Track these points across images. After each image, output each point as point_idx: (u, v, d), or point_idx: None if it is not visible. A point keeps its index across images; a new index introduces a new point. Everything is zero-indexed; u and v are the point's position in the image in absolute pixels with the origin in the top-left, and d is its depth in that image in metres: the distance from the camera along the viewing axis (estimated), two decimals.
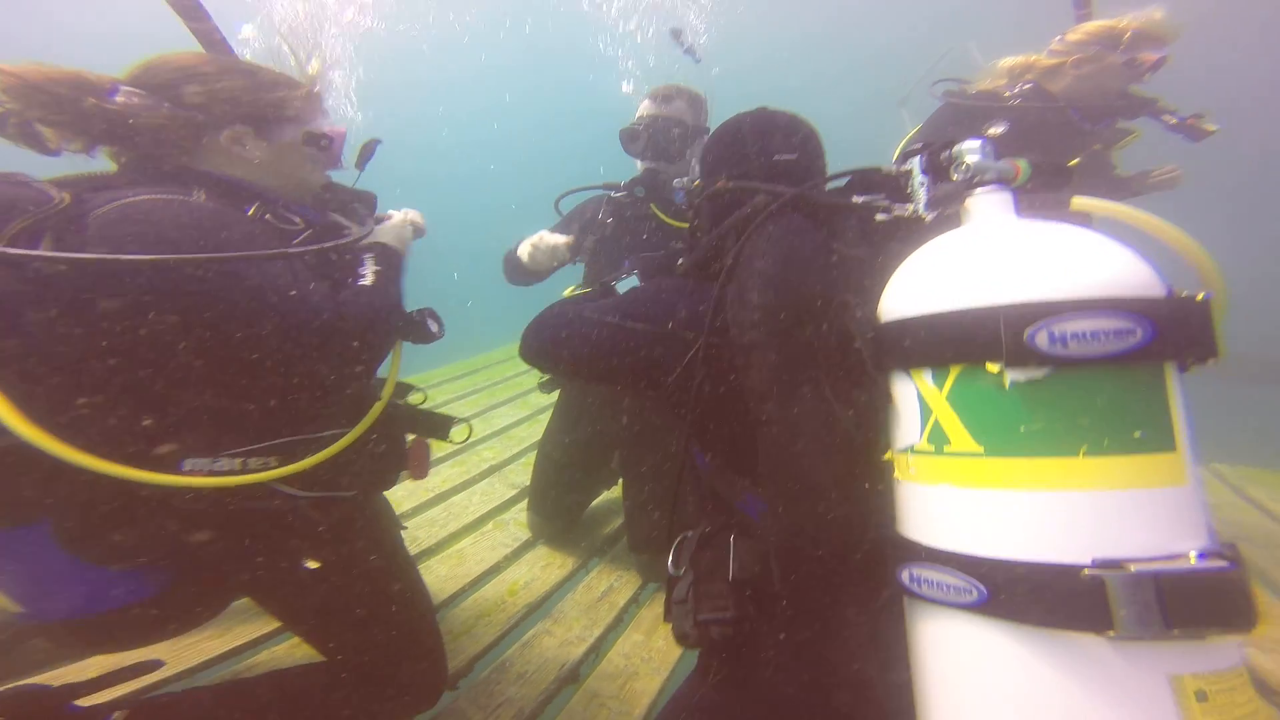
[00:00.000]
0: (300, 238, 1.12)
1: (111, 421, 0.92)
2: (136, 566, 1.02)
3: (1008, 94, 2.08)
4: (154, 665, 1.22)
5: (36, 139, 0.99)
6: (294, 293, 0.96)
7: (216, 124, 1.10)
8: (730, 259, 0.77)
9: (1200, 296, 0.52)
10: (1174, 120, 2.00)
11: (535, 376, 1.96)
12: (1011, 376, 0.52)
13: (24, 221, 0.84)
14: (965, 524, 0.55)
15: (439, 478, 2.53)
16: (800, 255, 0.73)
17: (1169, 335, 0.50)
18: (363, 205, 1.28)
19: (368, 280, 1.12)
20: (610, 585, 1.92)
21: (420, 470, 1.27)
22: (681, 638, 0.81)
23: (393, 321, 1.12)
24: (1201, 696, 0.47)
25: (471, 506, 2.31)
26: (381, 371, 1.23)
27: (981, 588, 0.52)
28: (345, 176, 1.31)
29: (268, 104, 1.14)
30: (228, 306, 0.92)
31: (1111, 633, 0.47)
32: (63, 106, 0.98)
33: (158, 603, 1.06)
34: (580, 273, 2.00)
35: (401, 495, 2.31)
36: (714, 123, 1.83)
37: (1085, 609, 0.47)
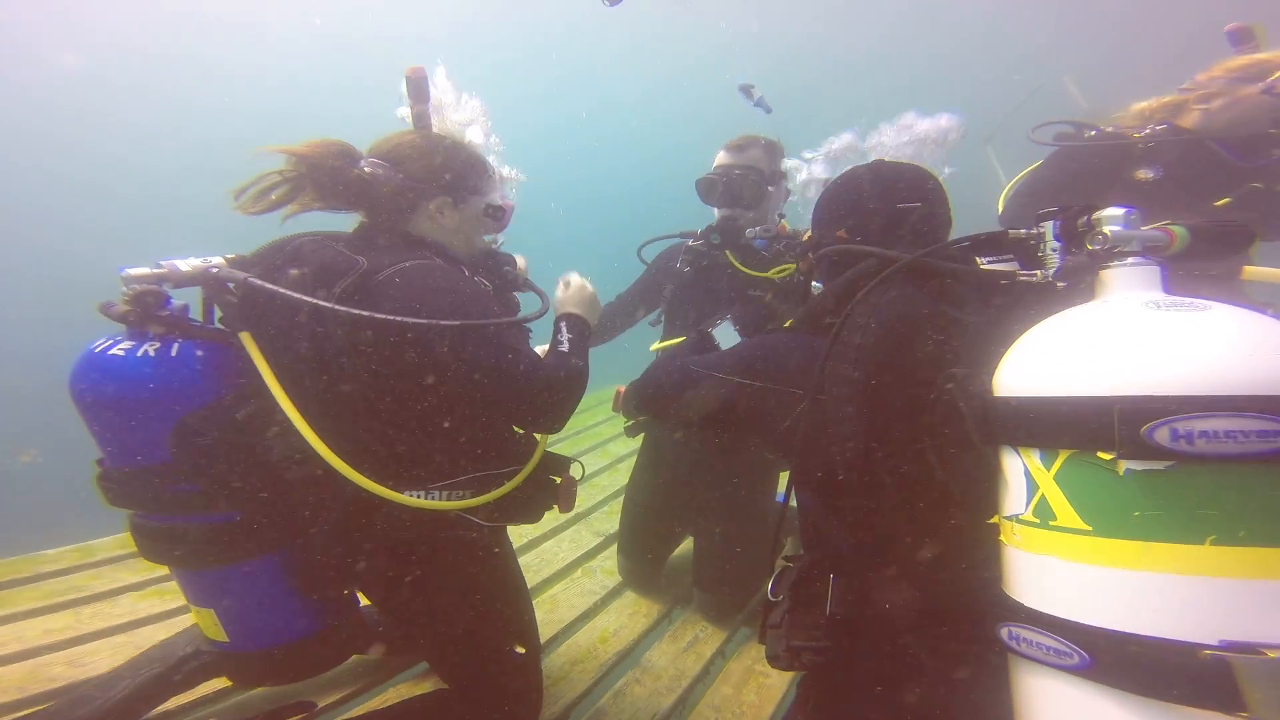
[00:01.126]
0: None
1: (375, 453, 1.11)
2: (336, 596, 1.21)
3: (1137, 134, 1.94)
4: (308, 706, 1.43)
5: (295, 201, 1.18)
6: (516, 352, 1.11)
7: (428, 194, 1.27)
8: (838, 322, 0.80)
9: None
10: None
11: (613, 427, 2.09)
12: (1128, 466, 0.52)
13: (345, 282, 1.05)
14: (1069, 593, 0.57)
15: (528, 525, 2.70)
16: (901, 330, 0.74)
17: None
18: (509, 266, 1.42)
19: (565, 348, 1.25)
20: (696, 636, 1.94)
21: (568, 504, 1.40)
22: (773, 659, 0.85)
23: (582, 386, 1.20)
24: None
25: (561, 553, 2.43)
26: None
27: (1083, 653, 0.54)
28: None
29: (465, 178, 1.31)
30: (471, 357, 1.08)
31: (1245, 715, 0.48)
32: (335, 176, 1.18)
33: (328, 634, 1.23)
34: (658, 330, 2.10)
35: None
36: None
37: (1210, 689, 0.49)
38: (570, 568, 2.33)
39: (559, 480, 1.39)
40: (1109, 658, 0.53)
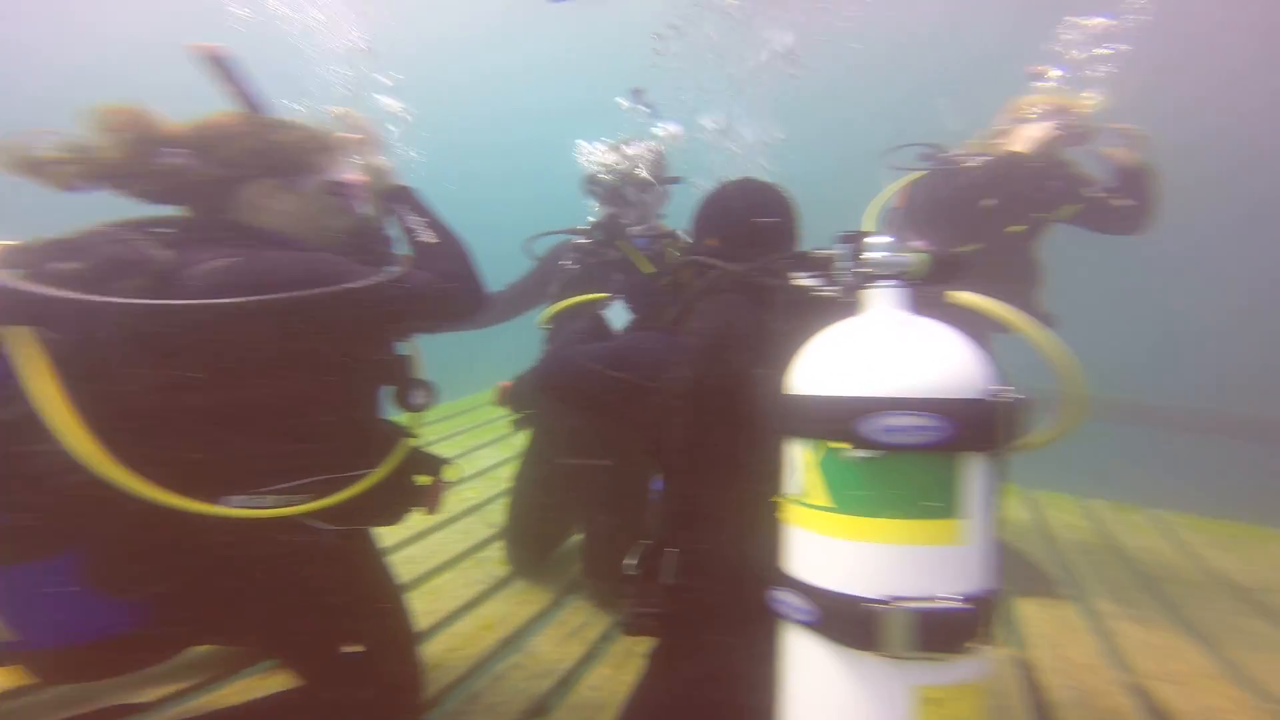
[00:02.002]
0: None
1: (169, 459, 0.98)
2: (147, 598, 1.07)
3: (966, 163, 2.25)
4: (126, 710, 1.28)
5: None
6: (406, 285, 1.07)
7: (245, 179, 1.16)
8: (679, 326, 0.93)
9: (1001, 398, 0.64)
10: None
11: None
12: (856, 455, 0.65)
13: (135, 281, 0.93)
14: (812, 560, 0.70)
15: (417, 517, 2.60)
16: (724, 334, 0.87)
17: (965, 433, 0.62)
18: (380, 244, 1.33)
19: (424, 235, 1.20)
20: (584, 621, 1.98)
21: (433, 506, 1.35)
22: (623, 625, 0.93)
23: (466, 254, 1.19)
24: (932, 702, 0.63)
25: (451, 544, 2.37)
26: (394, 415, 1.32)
27: (813, 610, 0.67)
28: None
29: (292, 157, 1.20)
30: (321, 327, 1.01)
31: (876, 652, 0.62)
32: (132, 169, 1.05)
33: (138, 634, 1.10)
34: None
35: (382, 533, 2.37)
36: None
37: (863, 631, 0.63)
38: (459, 558, 2.29)
39: (426, 481, 1.33)
40: (824, 612, 0.66)
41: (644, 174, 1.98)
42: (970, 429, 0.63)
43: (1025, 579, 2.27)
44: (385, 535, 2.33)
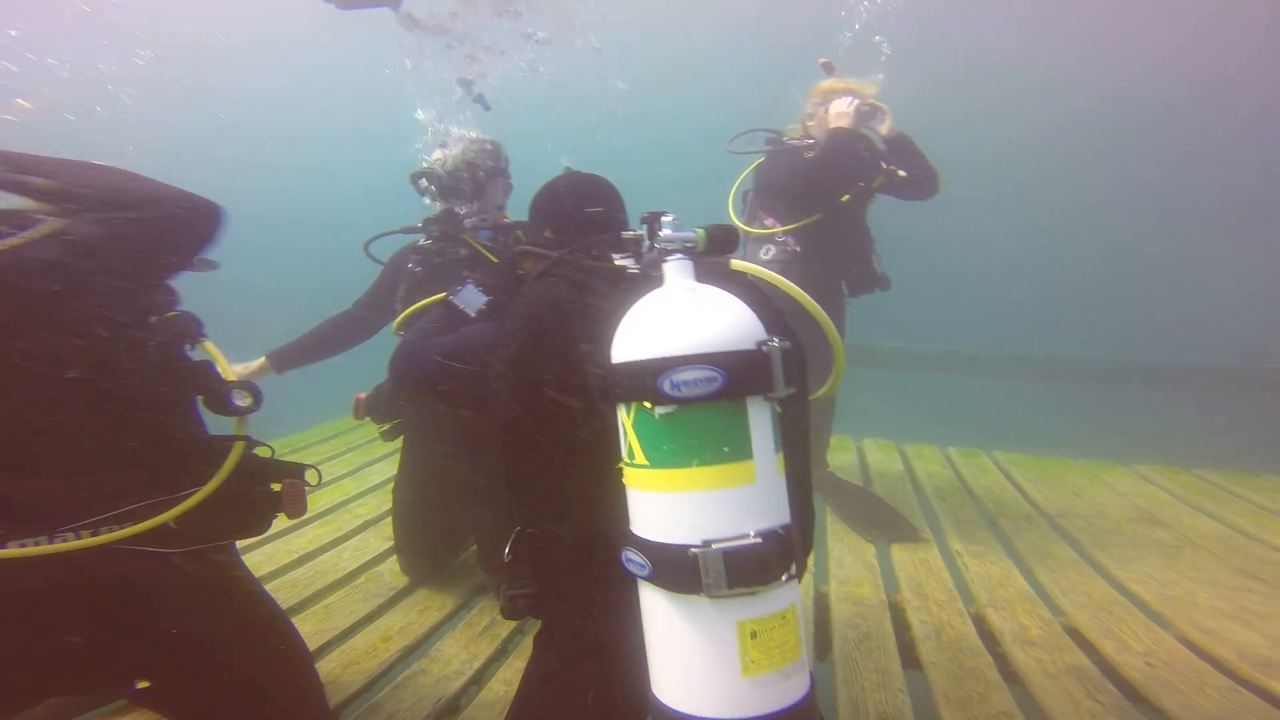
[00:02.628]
0: None
1: None
2: None
3: (804, 150, 2.55)
4: None
5: None
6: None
7: None
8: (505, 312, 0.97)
9: (772, 346, 0.72)
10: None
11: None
12: (658, 411, 0.71)
13: None
14: (643, 515, 0.76)
15: (304, 539, 2.39)
16: (545, 316, 0.91)
17: (737, 380, 0.70)
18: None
19: (41, 183, 0.96)
20: (494, 619, 1.93)
21: (296, 509, 1.24)
22: (501, 611, 0.95)
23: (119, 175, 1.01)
24: (753, 635, 0.70)
25: (342, 563, 2.21)
26: (231, 427, 1.20)
27: (648, 563, 0.73)
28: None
29: None
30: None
31: (701, 594, 0.69)
32: None
33: None
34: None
35: (260, 560, 2.14)
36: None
37: (687, 576, 0.69)
38: (352, 575, 2.15)
39: (278, 488, 1.24)
40: (657, 564, 0.72)
41: (475, 167, 1.94)
42: (744, 377, 0.70)
43: (896, 529, 2.58)
44: (267, 561, 2.13)
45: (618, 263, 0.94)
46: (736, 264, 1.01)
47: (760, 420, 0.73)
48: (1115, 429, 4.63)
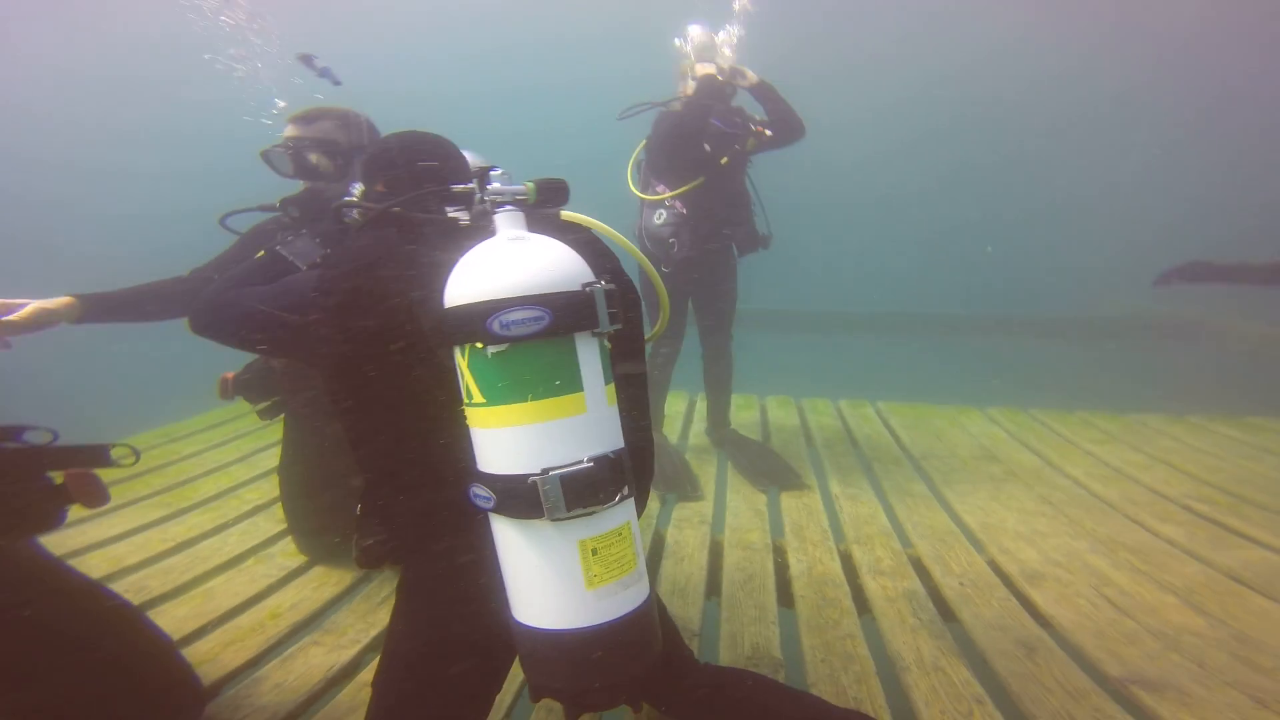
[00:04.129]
0: None
1: None
2: None
3: (672, 109, 2.70)
4: None
5: None
6: None
7: None
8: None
9: (594, 287, 0.79)
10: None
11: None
12: (490, 350, 0.75)
13: None
14: (485, 452, 0.81)
15: (182, 526, 2.24)
16: (369, 264, 0.91)
17: (563, 318, 0.75)
18: None
19: None
20: (393, 589, 1.94)
21: (91, 499, 1.14)
22: (357, 561, 0.96)
23: None
24: (594, 552, 0.79)
25: (226, 548, 2.11)
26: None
27: (491, 495, 0.79)
28: None
29: None
30: None
31: (543, 519, 0.76)
32: None
33: None
34: None
35: (127, 550, 2.00)
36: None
37: (530, 503, 0.76)
38: (239, 559, 2.06)
39: (60, 478, 1.13)
40: (500, 495, 0.78)
41: (331, 143, 1.82)
42: (569, 315, 0.76)
43: (784, 479, 2.82)
44: (135, 551, 1.98)
45: (450, 214, 0.96)
46: (566, 215, 1.05)
47: (588, 355, 0.80)
48: (987, 377, 5.25)
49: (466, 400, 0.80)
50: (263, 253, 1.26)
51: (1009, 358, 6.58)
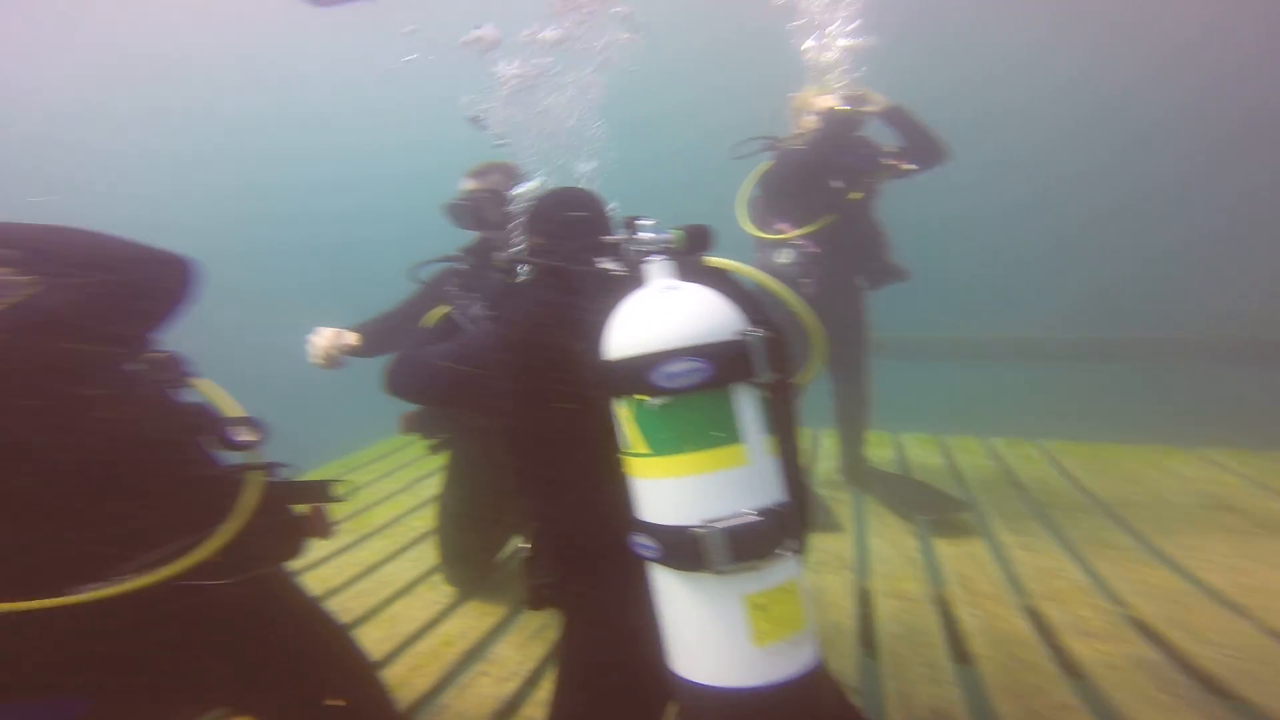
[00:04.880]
0: None
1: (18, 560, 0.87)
2: (58, 696, 0.99)
3: (796, 147, 2.59)
4: None
5: None
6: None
7: None
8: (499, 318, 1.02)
9: (751, 336, 0.78)
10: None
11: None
12: (653, 403, 0.76)
13: None
14: (648, 502, 0.81)
15: (367, 551, 2.56)
16: (537, 319, 0.98)
17: (721, 368, 0.75)
18: None
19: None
20: (544, 623, 2.04)
21: (323, 531, 1.30)
22: (525, 602, 1.01)
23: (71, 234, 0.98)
24: (761, 607, 0.75)
25: (403, 573, 2.36)
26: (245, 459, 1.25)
27: (656, 545, 0.79)
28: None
29: None
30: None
31: (706, 571, 0.74)
32: None
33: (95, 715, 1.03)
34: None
35: (330, 572, 2.32)
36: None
37: (693, 555, 0.75)
38: (414, 584, 2.30)
39: (303, 511, 1.28)
40: (664, 546, 0.77)
41: (501, 195, 1.99)
42: (727, 365, 0.76)
43: (938, 507, 2.54)
44: (332, 576, 2.30)
45: (601, 265, 0.99)
46: (711, 260, 1.05)
47: (746, 405, 0.79)
48: (1166, 412, 4.37)
49: (628, 450, 0.82)
50: (439, 316, 1.41)
51: (1208, 388, 5.41)
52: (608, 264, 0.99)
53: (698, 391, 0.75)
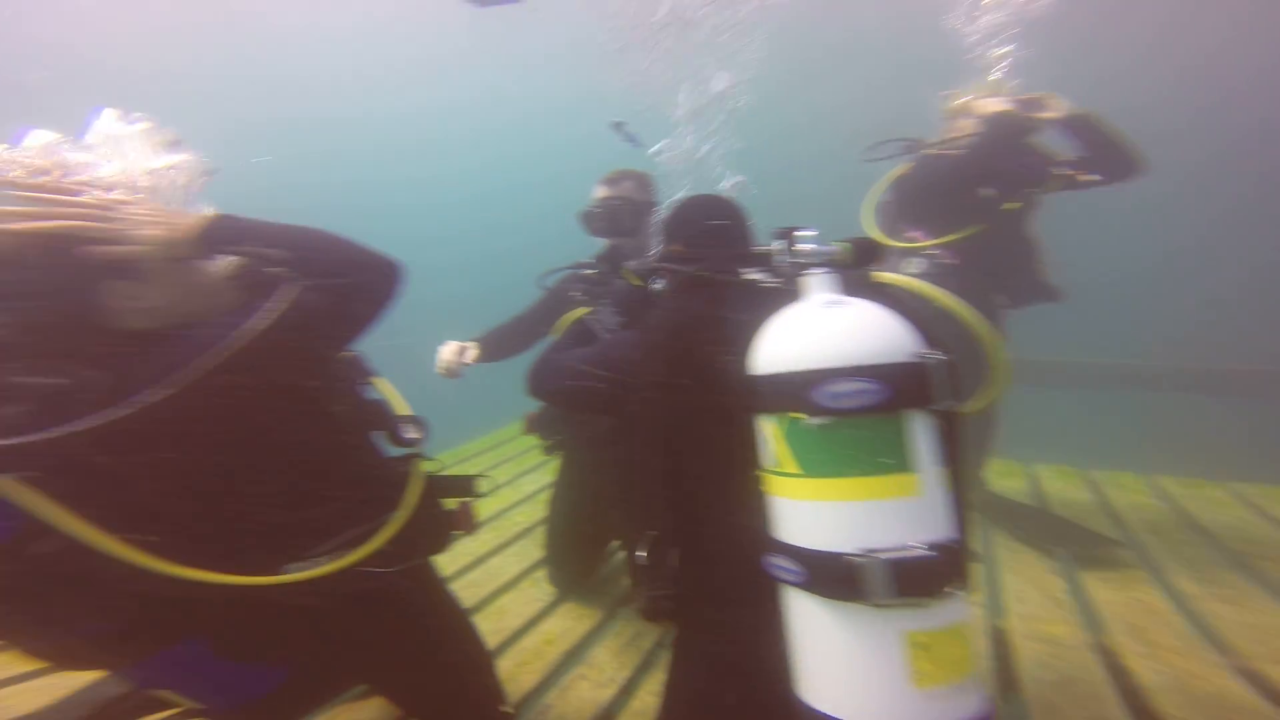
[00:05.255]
0: None
1: (214, 543, 0.97)
2: (274, 660, 1.14)
3: (950, 151, 2.34)
4: None
5: None
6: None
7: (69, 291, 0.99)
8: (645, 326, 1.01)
9: (930, 358, 0.71)
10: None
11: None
12: (810, 422, 0.71)
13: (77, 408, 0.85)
14: (792, 523, 0.76)
15: (476, 542, 2.71)
16: (684, 330, 0.95)
17: (898, 392, 0.69)
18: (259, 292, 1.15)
19: (274, 252, 1.01)
20: (637, 631, 2.03)
21: (470, 526, 1.37)
22: (641, 611, 0.98)
23: (332, 240, 1.05)
24: (924, 647, 0.68)
25: (507, 567, 2.46)
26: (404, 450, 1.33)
27: (800, 569, 0.73)
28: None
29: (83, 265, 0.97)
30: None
31: (862, 601, 0.68)
32: None
33: (285, 691, 1.19)
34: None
35: (445, 561, 2.49)
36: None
37: (848, 584, 0.68)
38: (518, 579, 2.38)
39: (453, 505, 1.36)
40: (811, 571, 0.72)
41: (634, 202, 2.03)
42: (903, 389, 0.70)
43: (1083, 542, 2.19)
44: (447, 564, 2.48)
45: (747, 276, 0.96)
46: (882, 276, 0.98)
47: (920, 432, 0.72)
48: None
49: (775, 469, 0.77)
50: (573, 320, 1.44)
51: None
52: (757, 275, 0.95)
53: (866, 414, 0.70)
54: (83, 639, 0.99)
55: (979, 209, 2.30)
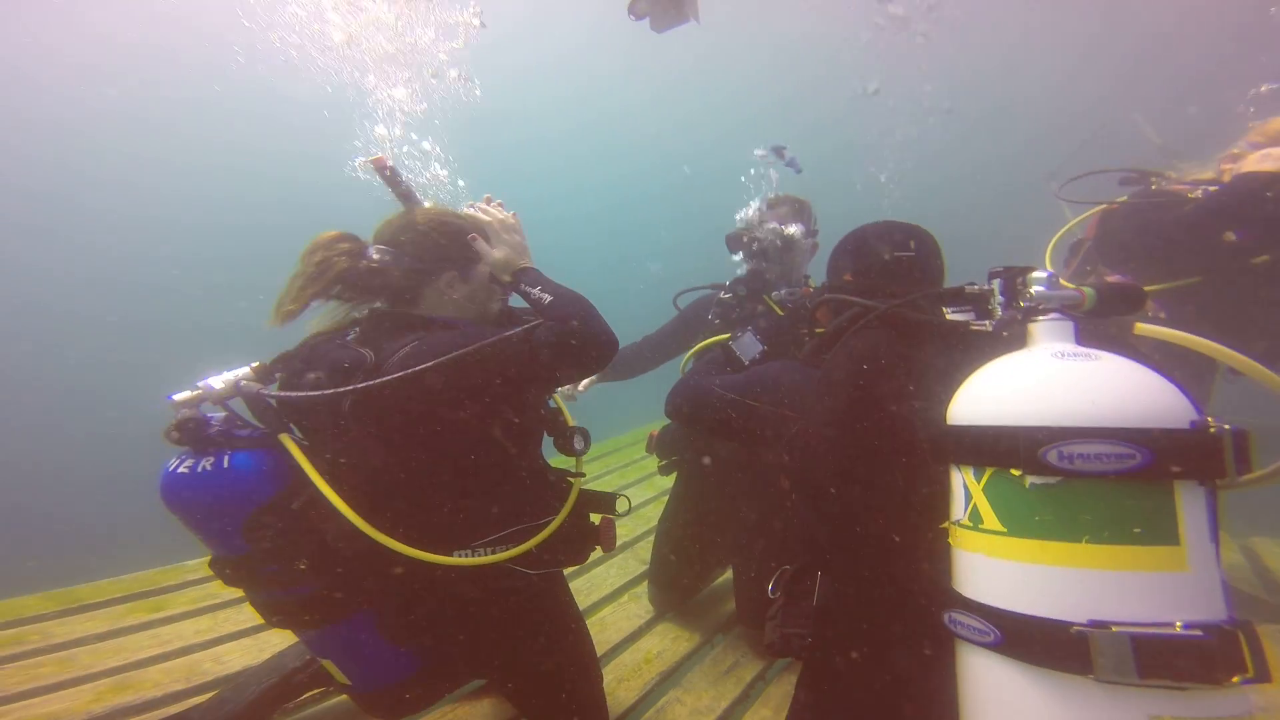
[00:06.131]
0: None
1: (417, 521, 1.18)
2: (421, 646, 1.30)
3: (1191, 194, 2.01)
4: None
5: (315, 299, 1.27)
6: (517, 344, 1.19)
7: (435, 272, 1.33)
8: (826, 360, 0.98)
9: (1211, 429, 0.64)
10: None
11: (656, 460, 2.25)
12: (1030, 481, 0.68)
13: (357, 375, 1.14)
14: (989, 583, 0.72)
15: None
16: (871, 369, 0.90)
17: (1169, 461, 0.63)
18: (514, 317, 1.47)
19: (545, 299, 1.24)
20: (736, 660, 2.04)
21: (610, 543, 1.46)
22: (769, 646, 0.98)
23: (589, 309, 1.23)
24: None
25: (609, 579, 2.59)
26: (564, 463, 1.47)
27: (997, 631, 0.69)
28: None
29: (465, 250, 1.35)
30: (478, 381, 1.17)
31: (1091, 676, 0.62)
32: (348, 273, 1.26)
33: (422, 677, 1.35)
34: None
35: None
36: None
37: (1072, 655, 0.63)
38: (618, 592, 2.50)
39: (598, 520, 1.45)
40: (1012, 635, 0.67)
41: (788, 230, 2.01)
42: (1181, 459, 0.64)
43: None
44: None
45: (951, 317, 0.91)
46: (1143, 328, 0.90)
47: (1193, 504, 0.66)
48: None
49: (968, 522, 0.74)
50: (713, 344, 1.45)
51: None
52: (959, 316, 0.91)
53: (1113, 479, 0.65)
54: (295, 598, 1.21)
55: (1214, 256, 1.96)
